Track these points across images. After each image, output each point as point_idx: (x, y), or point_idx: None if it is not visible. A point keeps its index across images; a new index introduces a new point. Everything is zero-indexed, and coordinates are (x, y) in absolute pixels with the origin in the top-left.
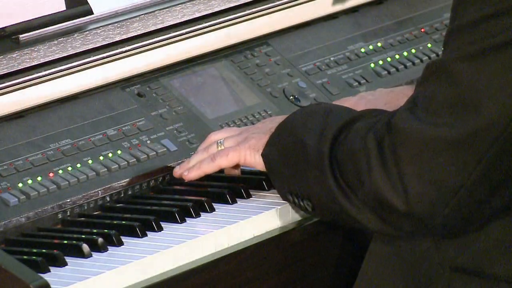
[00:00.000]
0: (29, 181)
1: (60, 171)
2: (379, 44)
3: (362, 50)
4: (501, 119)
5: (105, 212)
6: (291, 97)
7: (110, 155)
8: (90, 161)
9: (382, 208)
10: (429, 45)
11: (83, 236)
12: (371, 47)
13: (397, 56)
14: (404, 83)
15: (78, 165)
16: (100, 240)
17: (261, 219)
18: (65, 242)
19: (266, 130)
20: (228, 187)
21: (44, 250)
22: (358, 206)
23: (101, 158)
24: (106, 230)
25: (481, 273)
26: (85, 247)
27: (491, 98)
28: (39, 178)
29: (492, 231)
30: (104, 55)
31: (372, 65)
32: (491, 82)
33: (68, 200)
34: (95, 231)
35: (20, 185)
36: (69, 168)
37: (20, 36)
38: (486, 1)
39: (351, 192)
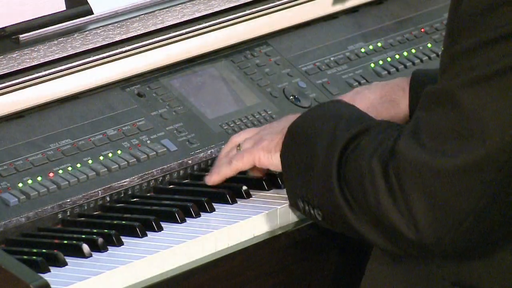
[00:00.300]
0: (29, 181)
1: (60, 171)
2: (379, 44)
3: (362, 50)
4: (507, 145)
5: (105, 212)
6: (291, 97)
7: (110, 155)
8: (90, 161)
9: (389, 232)
10: (429, 45)
11: (83, 236)
12: (371, 47)
13: (397, 56)
14: None
15: (78, 165)
16: (100, 240)
17: (261, 219)
18: (65, 242)
19: (278, 131)
20: (228, 187)
21: (44, 250)
22: (364, 222)
23: (101, 158)
24: (106, 230)
25: None
26: (85, 247)
27: (496, 124)
28: (39, 178)
29: (495, 251)
30: (104, 55)
31: (372, 65)
32: (495, 108)
33: (68, 200)
34: (95, 231)
35: (20, 185)
36: (69, 168)
37: (20, 36)
38: (487, 26)
39: (358, 208)
